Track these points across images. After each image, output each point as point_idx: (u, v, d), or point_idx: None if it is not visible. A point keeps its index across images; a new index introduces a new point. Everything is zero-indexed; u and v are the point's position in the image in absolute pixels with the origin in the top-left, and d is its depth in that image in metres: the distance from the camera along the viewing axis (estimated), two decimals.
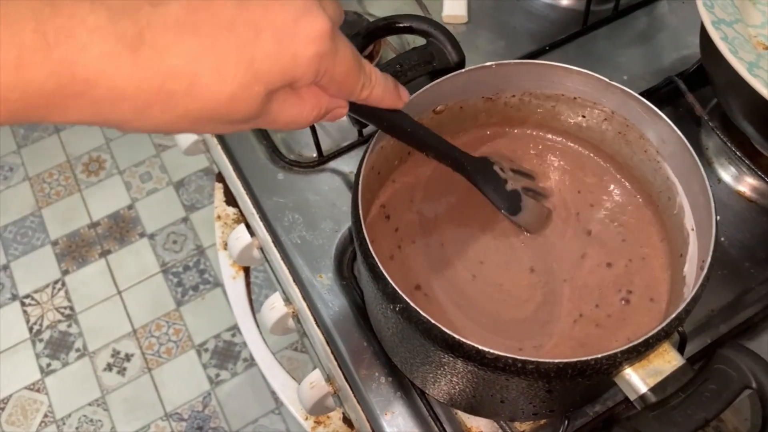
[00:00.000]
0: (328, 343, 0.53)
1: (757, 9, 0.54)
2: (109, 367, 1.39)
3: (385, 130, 0.41)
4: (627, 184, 0.47)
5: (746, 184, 0.58)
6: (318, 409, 0.59)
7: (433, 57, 0.46)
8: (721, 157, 0.60)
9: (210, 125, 0.29)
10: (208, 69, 0.27)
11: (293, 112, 0.32)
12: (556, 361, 0.33)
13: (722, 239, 0.56)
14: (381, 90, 0.36)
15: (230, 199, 0.79)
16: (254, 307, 0.76)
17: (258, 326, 0.75)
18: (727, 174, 0.59)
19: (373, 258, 0.36)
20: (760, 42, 0.52)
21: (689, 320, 0.52)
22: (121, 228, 1.55)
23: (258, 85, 0.28)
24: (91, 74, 0.25)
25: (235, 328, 1.39)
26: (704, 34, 0.50)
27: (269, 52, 0.28)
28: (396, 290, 0.35)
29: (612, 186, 0.47)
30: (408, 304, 0.35)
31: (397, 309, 0.35)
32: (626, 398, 0.37)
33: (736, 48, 0.47)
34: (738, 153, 0.56)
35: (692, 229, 0.41)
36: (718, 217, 0.56)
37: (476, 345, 0.33)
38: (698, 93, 0.60)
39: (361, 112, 0.38)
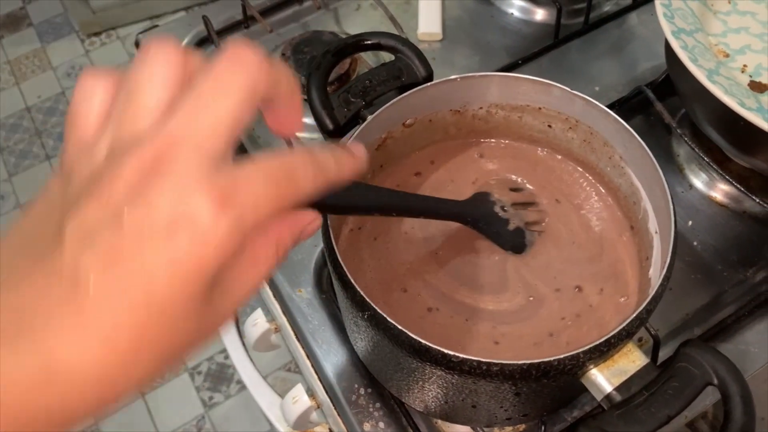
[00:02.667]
0: (308, 356, 0.53)
1: (717, 18, 0.56)
2: None
3: (366, 213, 0.37)
4: (601, 188, 0.48)
5: (718, 190, 0.60)
6: (302, 424, 0.59)
7: (401, 72, 0.48)
8: (692, 163, 0.61)
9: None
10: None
11: (249, 280, 0.24)
12: (520, 362, 0.34)
13: (695, 244, 0.57)
14: (333, 163, 0.26)
15: None
16: (241, 327, 0.76)
17: (244, 345, 0.75)
18: (698, 180, 0.60)
19: (342, 267, 0.37)
20: (720, 50, 0.53)
21: (664, 324, 0.53)
22: None
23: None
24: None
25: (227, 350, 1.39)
26: (668, 44, 0.52)
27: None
28: (364, 298, 0.36)
29: (587, 191, 0.48)
30: (375, 311, 0.35)
31: (366, 316, 0.36)
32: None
33: (696, 56, 0.49)
34: (707, 159, 0.57)
35: (656, 232, 0.42)
36: (690, 222, 0.58)
37: (441, 349, 0.34)
38: (668, 102, 0.61)
39: (334, 209, 0.33)
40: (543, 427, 0.47)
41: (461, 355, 0.34)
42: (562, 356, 0.34)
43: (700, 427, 0.58)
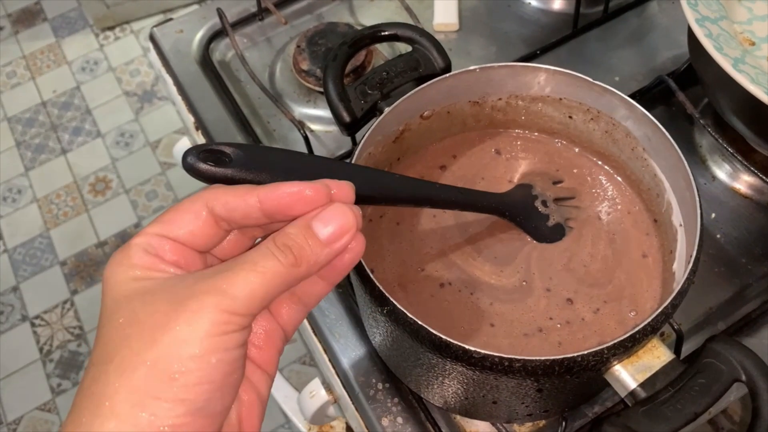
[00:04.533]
0: (325, 351, 0.53)
1: (742, 5, 0.54)
2: None
3: (402, 204, 0.37)
4: (620, 180, 0.47)
5: (741, 181, 0.58)
6: (319, 418, 0.59)
7: (419, 63, 0.47)
8: (714, 154, 0.60)
9: None
10: None
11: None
12: (543, 358, 0.33)
13: (718, 236, 0.56)
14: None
15: None
16: None
17: None
18: (721, 171, 0.59)
19: (360, 262, 0.37)
20: (746, 38, 0.52)
21: (687, 319, 0.52)
22: None
23: None
24: None
25: None
26: (691, 33, 0.51)
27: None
28: (383, 292, 0.35)
29: (606, 183, 0.47)
30: (395, 306, 0.35)
31: (385, 311, 0.35)
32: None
33: (721, 44, 0.47)
34: (731, 150, 0.55)
35: (680, 225, 0.41)
36: (713, 215, 0.57)
37: (463, 345, 0.33)
38: (690, 91, 0.60)
39: (369, 200, 0.32)
40: (564, 423, 0.46)
41: (483, 351, 0.33)
42: (585, 352, 0.33)
43: (720, 423, 0.57)
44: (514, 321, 0.40)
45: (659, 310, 0.35)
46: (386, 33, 0.47)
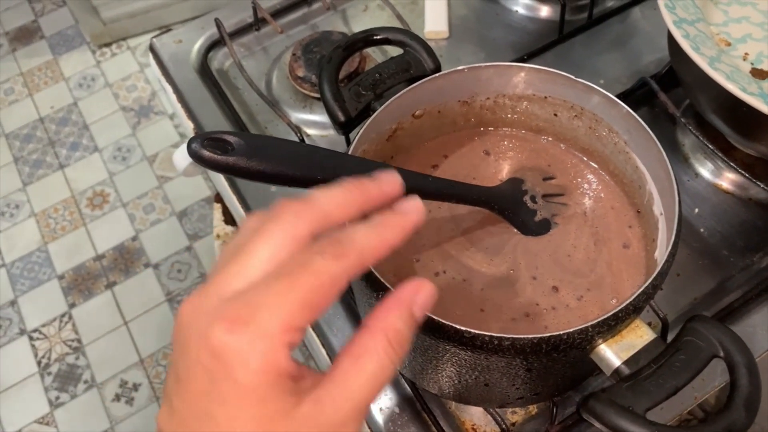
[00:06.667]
0: (323, 345, 0.54)
1: (718, 8, 0.57)
2: (117, 398, 1.40)
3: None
4: (604, 174, 0.49)
5: (723, 178, 0.60)
6: None
7: (410, 65, 0.49)
8: (697, 153, 0.62)
9: None
10: None
11: (356, 379, 0.26)
12: (530, 336, 0.35)
13: (702, 230, 0.58)
14: (374, 238, 0.27)
15: (229, 218, 0.82)
16: None
17: None
18: (704, 169, 0.61)
19: None
20: (722, 39, 0.54)
21: (673, 309, 0.54)
22: (125, 259, 1.57)
23: None
24: None
25: None
26: (671, 35, 0.53)
27: None
28: (378, 278, 0.37)
29: (590, 177, 0.49)
30: (389, 289, 0.37)
31: (380, 297, 0.37)
32: (609, 378, 0.38)
33: (698, 45, 0.50)
34: (712, 148, 0.58)
35: (661, 214, 0.43)
36: (697, 210, 0.59)
37: (454, 325, 0.35)
38: (672, 93, 0.63)
39: None
40: (555, 410, 0.48)
41: (474, 331, 0.35)
42: (571, 330, 0.35)
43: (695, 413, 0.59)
44: (503, 306, 0.42)
45: (641, 289, 0.36)
46: (379, 37, 0.49)
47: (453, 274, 0.44)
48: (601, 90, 0.44)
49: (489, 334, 0.35)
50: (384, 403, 0.51)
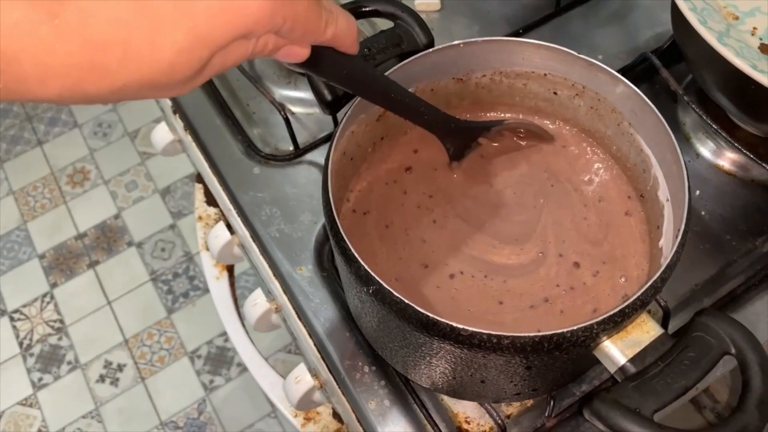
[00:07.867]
0: (310, 335, 0.52)
1: None
2: (101, 379, 1.38)
3: (345, 86, 0.39)
4: (606, 157, 0.46)
5: (725, 158, 0.58)
6: (305, 404, 0.58)
7: (401, 39, 0.46)
8: (698, 132, 0.59)
9: (152, 93, 0.26)
10: (142, 35, 0.24)
11: (238, 54, 0.28)
12: (532, 334, 0.32)
13: (703, 213, 0.56)
14: (345, 22, 0.33)
15: (210, 200, 0.79)
16: (240, 309, 0.75)
17: (244, 326, 0.74)
18: (705, 149, 0.59)
19: (345, 241, 0.36)
20: (729, 12, 0.52)
21: (673, 296, 0.52)
22: (108, 238, 1.53)
23: (201, 49, 0.25)
24: (9, 48, 0.22)
25: (227, 333, 1.38)
26: (675, 8, 0.50)
27: (212, 8, 0.25)
28: (368, 272, 0.34)
29: (592, 161, 0.47)
30: (381, 285, 0.34)
31: (371, 291, 0.35)
32: (612, 375, 0.36)
33: (705, 18, 0.47)
34: (715, 127, 0.55)
35: (667, 200, 0.40)
36: (698, 192, 0.57)
37: (450, 322, 0.33)
38: (673, 69, 0.60)
39: (320, 68, 0.35)
40: (552, 402, 0.46)
41: (470, 329, 0.33)
42: (575, 327, 0.33)
43: (702, 401, 0.57)
44: (524, 294, 0.41)
45: (648, 283, 0.34)
46: (368, 8, 0.46)
47: (472, 273, 0.42)
48: (606, 67, 0.42)
49: (488, 332, 0.32)
50: (375, 396, 0.48)
